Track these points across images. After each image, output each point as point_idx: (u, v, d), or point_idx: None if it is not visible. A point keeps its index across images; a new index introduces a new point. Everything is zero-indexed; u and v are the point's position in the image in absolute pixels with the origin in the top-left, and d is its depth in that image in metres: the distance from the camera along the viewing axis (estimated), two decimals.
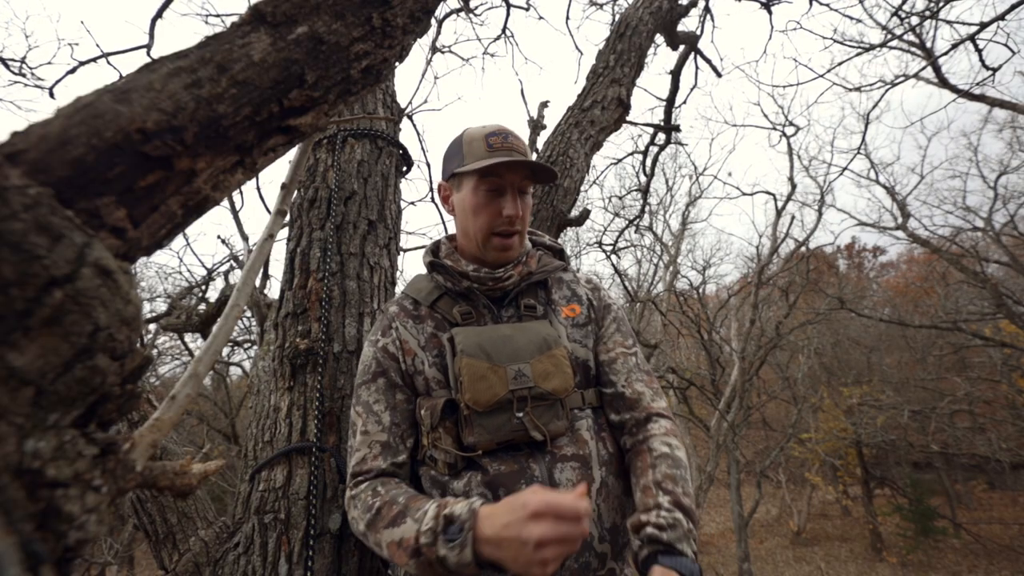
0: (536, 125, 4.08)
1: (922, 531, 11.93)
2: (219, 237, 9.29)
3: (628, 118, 2.52)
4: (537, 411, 0.94)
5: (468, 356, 0.95)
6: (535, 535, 0.70)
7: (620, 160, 5.65)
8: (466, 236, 1.09)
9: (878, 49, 5.45)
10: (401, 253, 2.39)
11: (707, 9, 3.40)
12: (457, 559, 0.76)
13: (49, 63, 3.70)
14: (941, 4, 4.36)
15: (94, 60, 2.67)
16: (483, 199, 1.03)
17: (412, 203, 3.18)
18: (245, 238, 4.49)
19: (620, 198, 9.47)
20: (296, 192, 1.67)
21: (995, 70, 4.66)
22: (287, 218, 1.43)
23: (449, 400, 0.96)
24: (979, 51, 4.38)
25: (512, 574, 0.74)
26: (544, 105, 4.19)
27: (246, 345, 6.84)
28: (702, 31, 3.41)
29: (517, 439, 0.94)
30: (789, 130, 9.26)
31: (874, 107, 9.44)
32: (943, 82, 5.69)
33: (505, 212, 1.02)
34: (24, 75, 3.45)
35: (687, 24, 3.88)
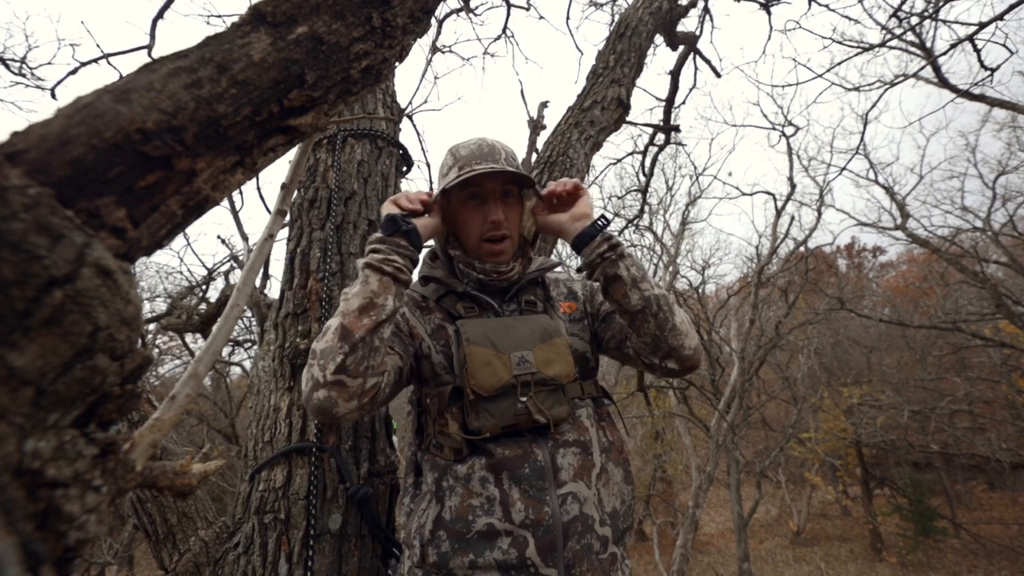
0: (536, 125, 4.08)
1: (922, 531, 11.93)
2: (219, 237, 9.30)
3: (628, 118, 2.52)
4: (540, 396, 0.98)
5: (473, 344, 0.98)
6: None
7: (620, 160, 5.68)
8: (464, 245, 1.14)
9: (877, 49, 5.45)
10: None
11: (706, 9, 3.40)
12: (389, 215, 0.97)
13: (50, 64, 3.75)
14: (940, 4, 4.36)
15: (95, 61, 2.67)
16: (468, 209, 1.09)
17: None
18: (245, 238, 4.49)
19: (620, 198, 9.49)
20: (296, 192, 1.67)
21: (993, 70, 4.65)
22: (287, 218, 1.43)
23: (456, 387, 0.99)
24: (978, 51, 4.38)
25: None
26: (544, 105, 4.18)
27: (246, 345, 6.84)
28: (701, 31, 3.41)
29: (521, 423, 0.96)
30: (788, 130, 9.21)
31: (873, 107, 9.45)
32: (943, 82, 5.67)
33: (490, 218, 1.07)
34: (25, 76, 3.46)
35: (686, 24, 3.88)
